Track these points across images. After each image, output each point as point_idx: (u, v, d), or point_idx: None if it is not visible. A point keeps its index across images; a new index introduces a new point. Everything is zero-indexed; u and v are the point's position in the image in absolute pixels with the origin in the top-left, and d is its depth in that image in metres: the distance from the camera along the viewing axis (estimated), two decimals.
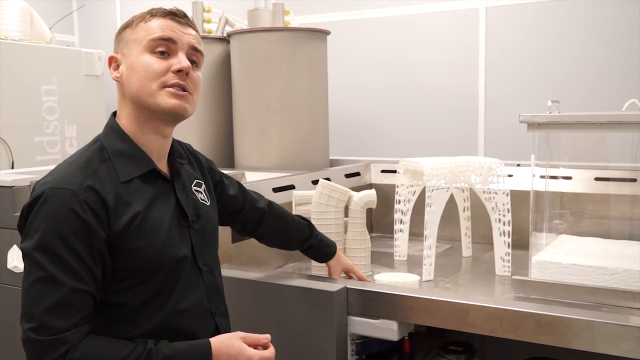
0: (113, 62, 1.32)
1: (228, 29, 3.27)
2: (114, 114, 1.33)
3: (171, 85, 1.25)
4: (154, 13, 1.29)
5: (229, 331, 1.38)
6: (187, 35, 1.29)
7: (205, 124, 3.20)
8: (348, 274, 1.88)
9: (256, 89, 2.96)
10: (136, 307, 1.24)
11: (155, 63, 1.25)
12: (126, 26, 1.31)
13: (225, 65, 3.19)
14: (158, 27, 1.27)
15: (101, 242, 1.18)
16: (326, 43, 3.11)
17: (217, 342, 1.27)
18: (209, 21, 3.37)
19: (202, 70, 1.37)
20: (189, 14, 3.61)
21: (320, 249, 1.83)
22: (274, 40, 2.92)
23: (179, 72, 1.25)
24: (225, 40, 3.20)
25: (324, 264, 1.87)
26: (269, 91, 2.93)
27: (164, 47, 1.26)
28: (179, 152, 1.41)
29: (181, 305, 1.28)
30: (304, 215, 2.09)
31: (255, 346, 1.30)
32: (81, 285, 1.15)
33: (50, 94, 3.69)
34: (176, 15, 1.29)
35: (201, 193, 1.43)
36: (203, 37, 3.21)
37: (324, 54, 3.09)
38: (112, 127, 1.31)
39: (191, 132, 3.15)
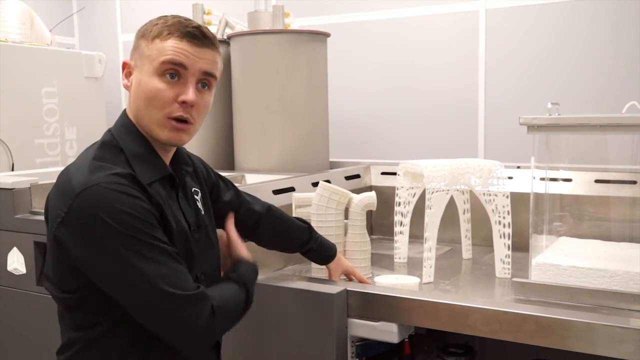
0: (126, 67, 1.28)
1: (228, 31, 3.28)
2: (125, 111, 1.30)
3: (174, 118, 1.23)
4: (172, 31, 1.23)
5: None
6: (201, 61, 1.23)
7: (205, 126, 3.18)
8: (348, 276, 1.88)
9: (256, 91, 2.96)
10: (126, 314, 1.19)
11: (163, 90, 1.21)
12: (143, 35, 1.26)
13: (225, 68, 3.19)
14: (172, 49, 1.21)
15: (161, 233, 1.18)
16: (326, 45, 3.11)
17: None
18: (209, 23, 3.38)
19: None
20: (189, 16, 3.60)
21: (320, 251, 1.82)
22: (274, 43, 2.93)
23: (183, 103, 1.23)
24: (225, 42, 3.21)
25: (324, 266, 1.87)
26: (269, 93, 2.93)
27: (174, 71, 1.22)
28: (184, 158, 1.39)
29: None
30: (304, 218, 2.09)
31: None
32: (181, 265, 1.17)
33: (51, 96, 3.70)
34: (195, 38, 1.23)
35: (199, 201, 1.41)
36: None
37: (324, 56, 3.09)
38: (127, 126, 1.27)
39: None
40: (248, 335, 1.75)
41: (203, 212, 1.41)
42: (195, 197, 1.40)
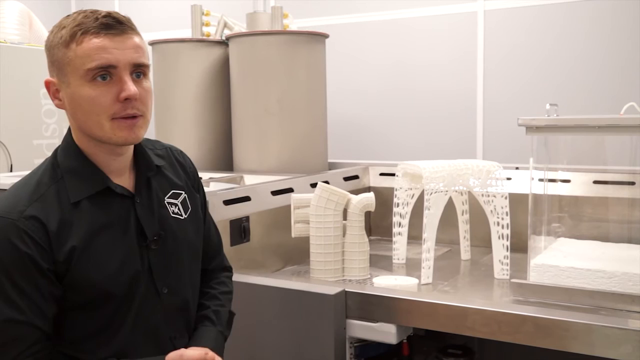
0: (51, 86, 1.19)
1: (227, 32, 3.28)
2: (69, 129, 1.23)
3: (120, 118, 1.14)
4: (84, 28, 1.12)
5: None
6: (127, 52, 1.13)
7: (204, 127, 3.20)
8: None
9: (255, 92, 2.96)
10: (88, 336, 1.17)
11: (99, 95, 1.12)
12: (54, 44, 1.15)
13: (224, 69, 3.19)
14: (93, 51, 1.11)
15: (44, 273, 1.11)
16: (325, 46, 3.11)
17: None
18: (207, 24, 3.38)
19: (200, 74, 1.31)
20: (188, 17, 3.55)
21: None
22: (273, 44, 2.93)
23: (126, 100, 1.13)
24: (224, 43, 3.21)
25: (324, 267, 1.85)
26: (267, 94, 2.93)
27: (105, 73, 1.12)
28: (146, 162, 1.27)
29: (136, 332, 1.20)
30: (303, 219, 2.09)
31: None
32: (21, 316, 1.10)
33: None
34: (111, 28, 1.12)
35: (176, 205, 1.30)
36: (202, 41, 3.22)
37: (322, 57, 3.09)
38: (68, 142, 1.22)
39: (190, 135, 3.15)
40: (247, 336, 1.75)
41: (184, 217, 1.31)
42: (173, 200, 1.30)
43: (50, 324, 1.14)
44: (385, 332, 1.65)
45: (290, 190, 2.35)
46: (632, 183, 2.29)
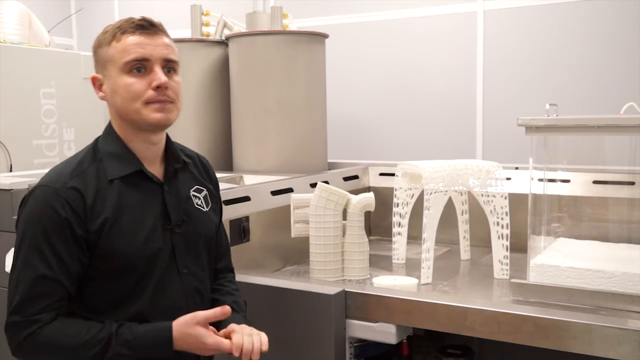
0: (96, 81, 1.38)
1: (226, 32, 3.28)
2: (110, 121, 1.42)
3: (153, 102, 1.32)
4: (123, 29, 1.33)
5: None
6: (158, 48, 1.33)
7: (204, 127, 3.20)
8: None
9: (254, 92, 2.96)
10: (110, 306, 1.32)
11: (134, 83, 1.31)
12: (99, 45, 1.36)
13: (223, 69, 3.19)
14: (130, 46, 1.31)
15: (78, 239, 1.27)
16: (324, 46, 3.11)
17: (178, 329, 1.29)
18: (207, 24, 3.38)
19: (200, 74, 1.40)
20: (187, 17, 3.57)
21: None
22: (273, 44, 2.92)
23: (158, 88, 1.31)
24: (223, 43, 3.21)
25: (324, 267, 1.86)
26: (267, 94, 2.93)
27: (139, 65, 1.31)
28: (175, 156, 1.44)
29: (155, 303, 1.34)
30: (302, 219, 2.09)
31: (215, 324, 1.33)
32: (51, 273, 1.26)
33: (49, 97, 3.69)
34: (144, 28, 1.33)
35: (199, 199, 1.46)
36: (201, 41, 3.22)
37: (322, 57, 3.09)
38: (108, 130, 1.40)
39: (189, 135, 3.15)
40: None
41: (206, 210, 1.46)
42: (197, 194, 1.46)
43: (75, 285, 1.30)
44: (385, 332, 1.65)
45: (289, 190, 2.35)
46: (632, 183, 2.29)
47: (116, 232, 1.30)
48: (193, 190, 1.46)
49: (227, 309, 1.32)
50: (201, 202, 1.47)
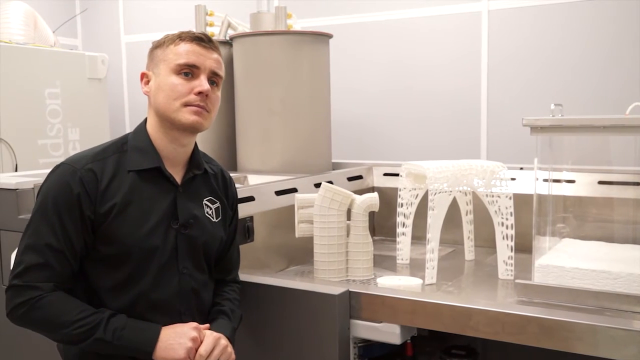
0: (144, 77, 1.49)
1: (230, 32, 3.28)
2: (146, 118, 1.52)
3: (192, 105, 1.42)
4: (183, 37, 1.45)
5: None
6: (209, 60, 1.45)
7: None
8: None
9: (259, 92, 2.96)
10: (107, 290, 1.39)
11: (180, 84, 1.42)
12: (158, 46, 1.48)
13: (227, 69, 3.18)
14: (185, 52, 1.43)
15: (85, 219, 1.36)
16: (329, 46, 3.11)
17: (165, 329, 1.38)
18: (211, 24, 3.38)
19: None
20: (191, 18, 3.59)
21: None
22: (277, 44, 2.93)
23: (199, 93, 1.42)
24: (227, 43, 3.21)
25: (326, 267, 1.86)
26: (271, 94, 2.93)
27: (188, 70, 1.43)
28: (198, 163, 1.54)
29: (150, 296, 1.41)
30: (307, 219, 2.09)
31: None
32: (57, 244, 1.34)
33: (54, 97, 3.70)
34: (202, 41, 1.46)
35: (210, 209, 1.54)
36: None
37: (326, 57, 3.09)
38: (140, 128, 1.51)
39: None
40: (250, 336, 1.76)
41: (215, 221, 1.54)
42: (209, 204, 1.54)
43: (77, 261, 1.38)
44: (389, 333, 1.64)
45: (294, 190, 2.35)
46: (637, 184, 2.28)
47: (121, 219, 1.38)
48: (206, 200, 1.54)
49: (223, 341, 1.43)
50: (212, 212, 1.54)
